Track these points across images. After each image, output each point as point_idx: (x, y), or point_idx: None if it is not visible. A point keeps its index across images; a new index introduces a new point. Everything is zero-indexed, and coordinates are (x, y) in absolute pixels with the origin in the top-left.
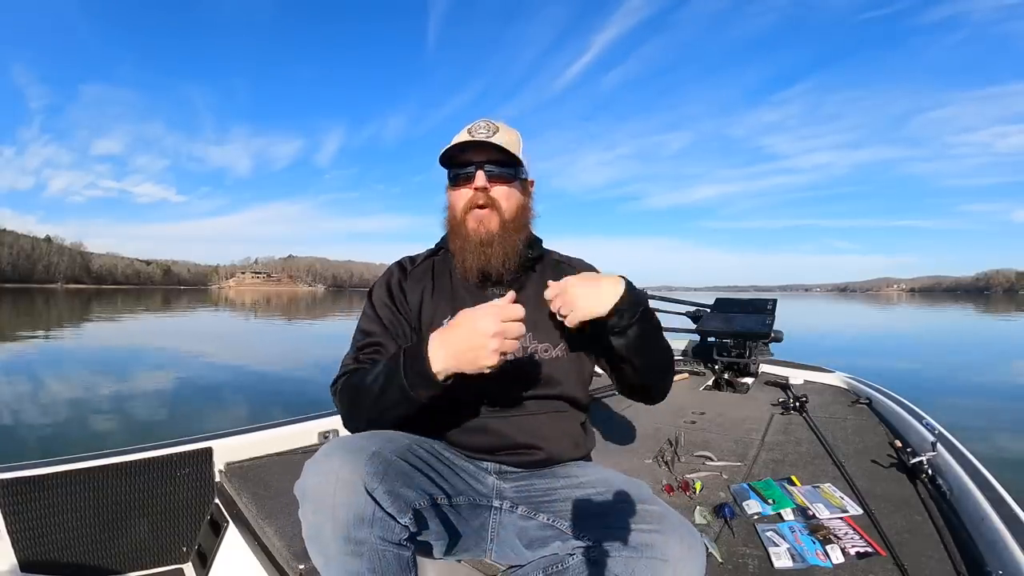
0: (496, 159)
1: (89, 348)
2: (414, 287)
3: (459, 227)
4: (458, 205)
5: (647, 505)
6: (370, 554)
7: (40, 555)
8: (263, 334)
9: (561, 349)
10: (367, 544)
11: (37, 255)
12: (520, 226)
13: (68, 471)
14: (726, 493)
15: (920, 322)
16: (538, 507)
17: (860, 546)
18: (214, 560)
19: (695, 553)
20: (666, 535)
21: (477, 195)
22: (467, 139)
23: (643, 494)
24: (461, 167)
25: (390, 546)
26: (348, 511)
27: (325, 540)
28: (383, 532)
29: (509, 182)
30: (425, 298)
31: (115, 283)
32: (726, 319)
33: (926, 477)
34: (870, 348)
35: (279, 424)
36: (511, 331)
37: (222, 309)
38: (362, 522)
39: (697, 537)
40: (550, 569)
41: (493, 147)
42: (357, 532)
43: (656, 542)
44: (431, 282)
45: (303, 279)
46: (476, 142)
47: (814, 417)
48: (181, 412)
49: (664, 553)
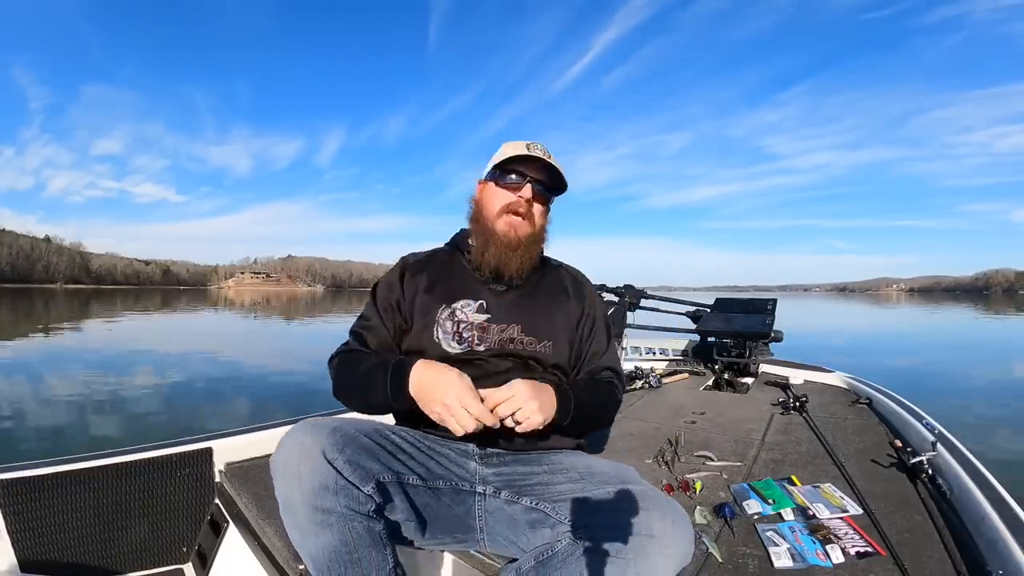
0: (545, 180)
1: (89, 348)
2: (415, 279)
3: (489, 223)
4: (495, 204)
5: (630, 485)
6: (339, 523)
7: (40, 555)
8: (263, 334)
9: (547, 345)
10: (335, 513)
11: (36, 255)
12: (540, 240)
13: (68, 471)
14: (726, 493)
15: (920, 322)
16: (520, 491)
17: (860, 546)
18: (214, 560)
19: (680, 528)
20: (649, 511)
21: (519, 203)
22: (529, 153)
23: (627, 475)
24: (513, 173)
25: (358, 516)
26: (312, 479)
27: (295, 509)
28: (348, 500)
29: (546, 204)
30: (424, 289)
31: (114, 283)
32: (726, 319)
33: (926, 477)
34: (870, 348)
35: (279, 424)
36: (457, 414)
37: (222, 309)
38: (327, 490)
39: (681, 512)
40: (542, 555)
41: (546, 169)
42: (323, 500)
43: (640, 519)
44: (433, 274)
45: (302, 279)
46: (535, 157)
47: (814, 417)
48: (181, 412)
49: (649, 529)
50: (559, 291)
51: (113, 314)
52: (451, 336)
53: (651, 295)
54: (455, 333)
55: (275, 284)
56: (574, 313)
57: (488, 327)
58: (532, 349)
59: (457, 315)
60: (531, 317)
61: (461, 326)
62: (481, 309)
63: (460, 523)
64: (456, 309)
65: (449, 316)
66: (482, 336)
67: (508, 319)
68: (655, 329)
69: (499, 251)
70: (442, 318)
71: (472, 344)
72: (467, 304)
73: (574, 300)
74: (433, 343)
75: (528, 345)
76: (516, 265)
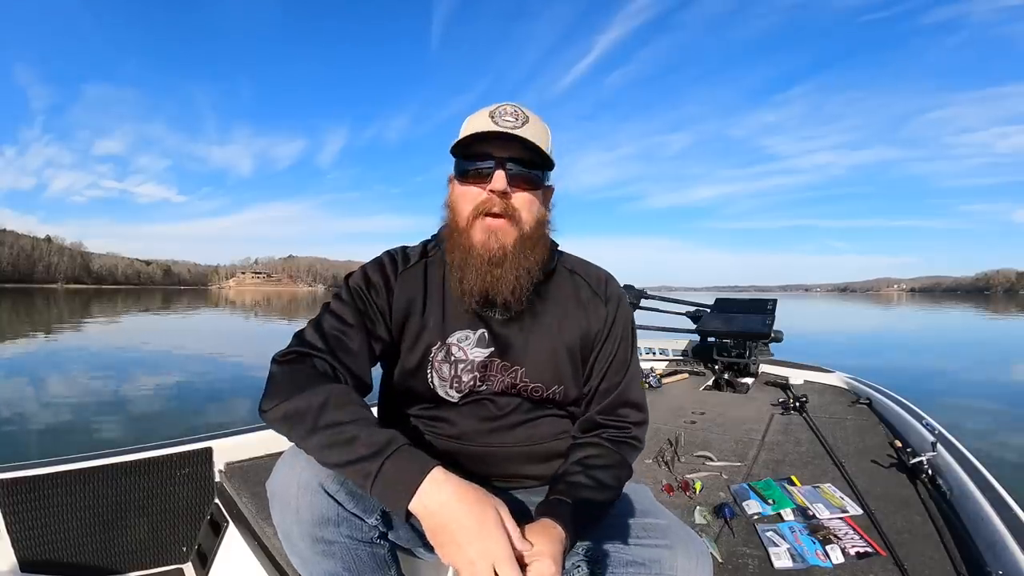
0: (521, 157)
1: (89, 348)
2: (404, 290)
3: (462, 236)
4: (464, 207)
5: (652, 518)
6: (342, 552)
7: (40, 555)
8: (263, 334)
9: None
10: (337, 544)
11: (37, 255)
12: (536, 242)
13: (68, 471)
14: (726, 493)
15: (920, 322)
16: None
17: (860, 546)
18: (214, 560)
19: (702, 567)
20: (673, 549)
21: (492, 199)
22: (490, 127)
23: (647, 505)
24: (476, 159)
25: (362, 544)
26: (311, 513)
27: (294, 540)
28: (351, 531)
29: (533, 188)
30: (414, 310)
31: (115, 283)
32: (726, 319)
33: (926, 477)
34: (870, 348)
35: None
36: None
37: (222, 309)
38: (327, 522)
39: (704, 551)
40: None
41: (520, 141)
42: (323, 532)
43: (663, 557)
44: (423, 290)
45: (303, 279)
46: (500, 132)
47: (814, 417)
48: (181, 412)
49: (672, 568)
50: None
51: (114, 314)
52: (448, 383)
53: (651, 295)
54: (453, 378)
55: (276, 284)
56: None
57: (491, 364)
58: (539, 396)
59: (454, 353)
60: (538, 354)
61: (459, 367)
62: (482, 341)
63: None
64: (452, 345)
65: (445, 357)
66: (484, 375)
67: (512, 357)
68: (655, 329)
69: (480, 271)
70: (437, 360)
71: (473, 388)
72: (465, 336)
73: (592, 319)
74: (427, 388)
75: (534, 392)
76: (509, 286)
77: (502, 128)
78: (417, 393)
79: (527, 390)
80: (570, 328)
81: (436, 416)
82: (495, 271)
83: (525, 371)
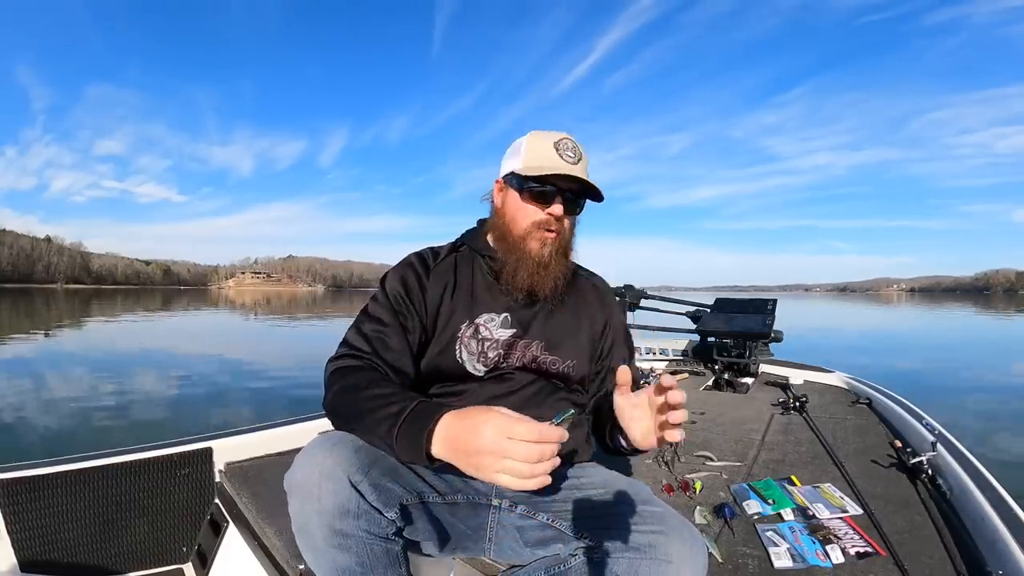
0: (575, 189)
1: (89, 348)
2: (436, 283)
3: (518, 242)
4: (523, 220)
5: (648, 506)
6: (357, 547)
7: (40, 555)
8: (263, 334)
9: (570, 365)
10: (353, 537)
11: (37, 255)
12: (569, 252)
13: (68, 471)
14: (726, 493)
15: (920, 322)
16: (537, 507)
17: (860, 546)
18: (214, 560)
19: (697, 553)
20: (668, 535)
21: (550, 221)
22: (557, 162)
23: (644, 495)
24: (541, 183)
25: (377, 539)
26: (333, 502)
27: (312, 531)
28: (369, 525)
29: (576, 212)
30: (445, 297)
31: (115, 283)
32: (726, 319)
33: (926, 477)
34: (870, 348)
35: (279, 424)
36: (515, 452)
37: (222, 309)
38: (347, 513)
39: (698, 537)
40: (552, 569)
41: (579, 181)
42: (342, 524)
43: (659, 543)
44: (453, 279)
45: (303, 279)
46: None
47: (814, 417)
48: (181, 412)
49: (667, 554)
50: (583, 303)
51: (114, 314)
52: (476, 357)
53: (651, 295)
54: (480, 353)
55: (276, 284)
56: (598, 326)
57: (514, 343)
58: (556, 369)
59: (481, 332)
60: (556, 334)
61: (486, 344)
62: (506, 323)
63: (471, 535)
64: (480, 325)
65: (473, 334)
66: (508, 353)
67: (532, 335)
68: (655, 329)
69: (532, 271)
70: (466, 336)
71: (497, 364)
72: (491, 319)
73: (598, 312)
74: (456, 364)
75: (552, 365)
76: (551, 285)
77: (566, 162)
78: (445, 370)
79: (545, 363)
80: (585, 315)
81: (462, 390)
82: (542, 272)
83: (543, 345)
